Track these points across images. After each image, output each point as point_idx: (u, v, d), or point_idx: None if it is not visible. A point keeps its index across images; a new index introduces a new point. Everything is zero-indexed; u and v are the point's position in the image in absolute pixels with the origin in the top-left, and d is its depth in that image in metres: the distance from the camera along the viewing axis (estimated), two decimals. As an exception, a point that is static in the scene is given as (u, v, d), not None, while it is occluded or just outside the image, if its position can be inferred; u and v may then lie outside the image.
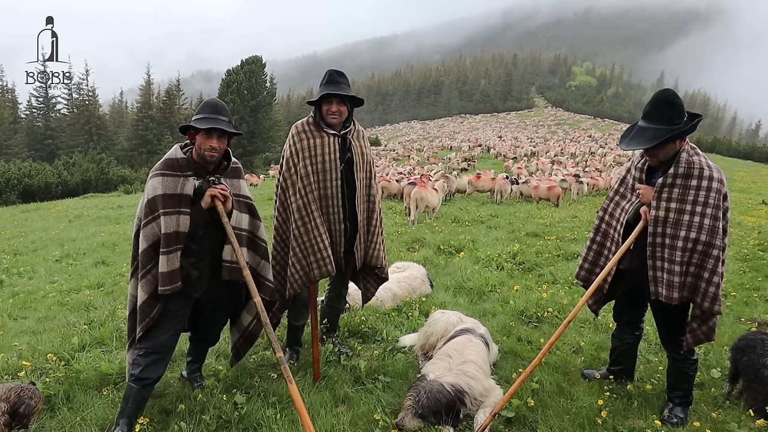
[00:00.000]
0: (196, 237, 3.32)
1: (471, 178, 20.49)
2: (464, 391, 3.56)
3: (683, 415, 3.61)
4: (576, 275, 3.99)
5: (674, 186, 3.30)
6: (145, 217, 3.26)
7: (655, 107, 3.33)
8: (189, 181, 3.29)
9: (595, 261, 3.83)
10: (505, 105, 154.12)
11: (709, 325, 3.43)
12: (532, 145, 56.59)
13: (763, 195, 19.36)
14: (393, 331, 5.03)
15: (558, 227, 12.07)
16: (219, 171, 3.46)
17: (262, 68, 55.00)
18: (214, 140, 3.29)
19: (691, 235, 3.25)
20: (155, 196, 3.23)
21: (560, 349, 4.75)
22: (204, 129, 3.25)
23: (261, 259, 3.73)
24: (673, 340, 3.63)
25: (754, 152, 62.54)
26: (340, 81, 3.88)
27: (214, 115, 3.33)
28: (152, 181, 3.28)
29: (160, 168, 3.31)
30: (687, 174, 3.28)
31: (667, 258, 3.33)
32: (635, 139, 3.36)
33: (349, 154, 3.97)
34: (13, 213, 23.05)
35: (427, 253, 8.97)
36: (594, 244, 3.84)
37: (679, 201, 3.28)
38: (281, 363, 3.02)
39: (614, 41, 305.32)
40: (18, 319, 5.96)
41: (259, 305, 3.22)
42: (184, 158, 3.34)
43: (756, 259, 8.91)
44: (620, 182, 3.77)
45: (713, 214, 3.25)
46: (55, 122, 60.97)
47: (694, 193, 3.26)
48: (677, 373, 3.67)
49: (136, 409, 3.30)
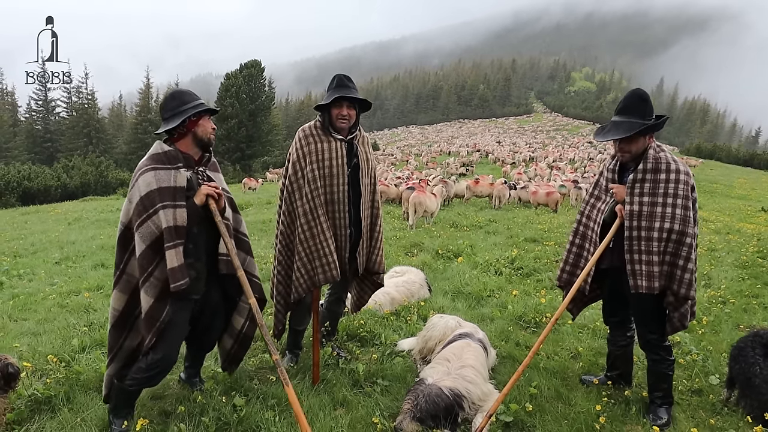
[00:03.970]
0: (192, 235, 3.22)
1: (469, 183, 20.50)
2: (462, 395, 3.58)
3: (666, 415, 3.68)
4: (557, 278, 4.08)
5: (645, 181, 3.49)
6: (140, 215, 3.09)
7: (629, 102, 3.54)
8: (181, 173, 3.21)
9: (575, 263, 3.94)
10: (503, 110, 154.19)
11: (681, 312, 3.56)
12: (531, 150, 56.62)
13: (762, 202, 19.40)
14: (391, 335, 5.05)
15: (556, 233, 12.09)
16: (203, 163, 3.42)
17: (261, 72, 54.91)
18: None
19: (665, 225, 3.42)
20: (151, 190, 3.10)
21: (558, 355, 4.77)
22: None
23: (246, 255, 3.66)
24: (651, 339, 3.71)
25: (753, 159, 62.56)
26: (350, 85, 3.87)
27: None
28: (144, 176, 3.13)
29: (148, 163, 3.19)
30: (655, 169, 3.47)
31: (644, 250, 3.47)
32: (611, 131, 3.55)
33: (356, 159, 3.97)
34: (13, 215, 23.05)
35: (425, 258, 8.99)
36: (573, 246, 3.96)
37: (650, 194, 3.46)
38: (278, 365, 2.98)
39: (614, 46, 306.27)
40: (18, 320, 5.96)
41: (254, 306, 3.16)
42: (172, 150, 3.25)
43: (755, 267, 8.93)
44: (594, 185, 3.94)
45: (683, 204, 3.44)
46: (54, 125, 61.01)
47: (663, 186, 3.45)
48: (656, 373, 3.76)
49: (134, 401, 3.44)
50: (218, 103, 53.66)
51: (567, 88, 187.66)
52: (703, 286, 7.54)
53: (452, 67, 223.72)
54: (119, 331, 3.29)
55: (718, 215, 16.84)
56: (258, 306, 3.47)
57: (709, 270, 8.54)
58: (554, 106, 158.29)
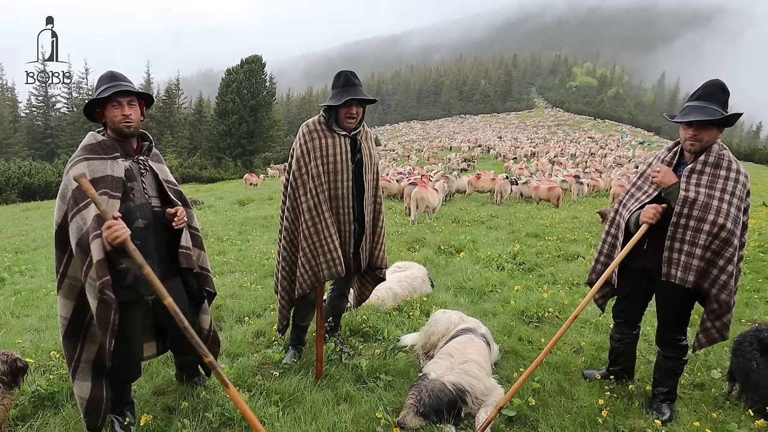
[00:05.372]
0: (138, 232, 2.94)
1: (471, 179, 20.48)
2: (466, 390, 3.58)
3: (669, 411, 3.65)
4: (591, 270, 3.92)
5: (703, 173, 3.35)
6: (71, 209, 2.84)
7: (711, 89, 3.37)
8: (118, 163, 2.96)
9: (609, 254, 3.82)
10: (505, 105, 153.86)
11: (723, 322, 3.42)
12: (532, 145, 56.57)
13: (763, 197, 19.33)
14: (394, 331, 5.05)
15: (558, 228, 12.08)
16: (143, 152, 3.17)
17: (262, 67, 54.89)
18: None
19: (719, 220, 3.25)
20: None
21: (561, 349, 4.77)
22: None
23: (200, 251, 3.47)
24: (670, 337, 3.64)
25: (754, 154, 62.38)
26: (356, 83, 3.83)
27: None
28: (75, 167, 2.88)
29: (80, 154, 2.94)
30: (717, 164, 3.34)
31: (689, 240, 3.33)
32: (692, 113, 3.33)
33: (359, 155, 3.95)
34: (14, 211, 23.09)
35: (427, 253, 8.99)
36: (608, 236, 3.83)
37: (708, 187, 3.32)
38: (213, 368, 2.70)
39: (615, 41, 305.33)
40: (20, 316, 5.98)
41: (170, 308, 2.67)
42: (107, 140, 3.01)
43: (756, 261, 8.92)
44: (639, 175, 3.78)
45: (738, 205, 3.31)
46: (55, 121, 61.04)
47: (722, 182, 3.31)
48: (666, 371, 3.69)
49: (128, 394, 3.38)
50: (219, 99, 53.70)
51: (568, 84, 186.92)
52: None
53: (453, 62, 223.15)
54: (73, 342, 3.00)
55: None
56: (207, 301, 3.51)
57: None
58: (555, 101, 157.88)
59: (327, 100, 3.85)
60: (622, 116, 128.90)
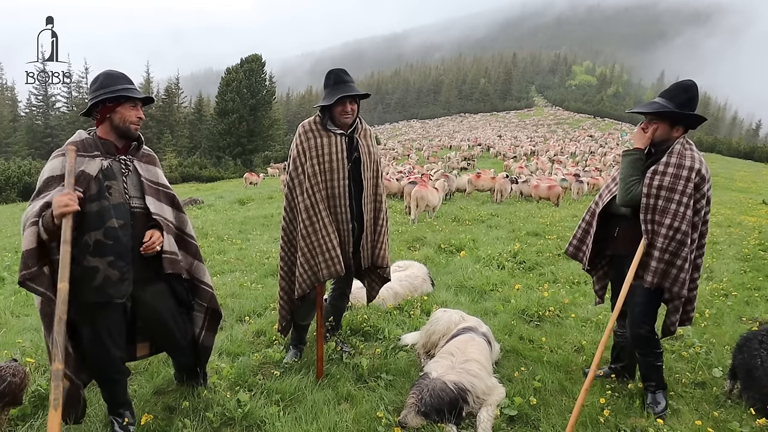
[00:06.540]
0: (112, 231, 2.89)
1: (471, 178, 20.48)
2: (467, 389, 3.58)
3: (663, 400, 3.74)
4: (565, 250, 4.22)
5: (665, 174, 3.44)
6: (32, 200, 2.85)
7: (672, 88, 3.57)
8: (95, 161, 2.95)
9: (582, 238, 4.02)
10: (504, 104, 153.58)
11: (686, 310, 3.67)
12: (532, 144, 56.56)
13: (763, 195, 19.37)
14: (395, 330, 5.04)
15: (558, 226, 12.08)
16: (130, 152, 3.15)
17: (262, 67, 54.91)
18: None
19: (675, 223, 3.40)
20: (51, 176, 2.87)
21: (562, 348, 4.77)
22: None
23: (194, 259, 3.40)
24: (639, 333, 3.69)
25: (754, 152, 62.46)
26: (347, 80, 3.85)
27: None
28: (52, 161, 2.93)
29: (63, 149, 2.96)
30: (679, 164, 3.43)
31: (648, 242, 3.51)
32: (639, 106, 3.62)
33: (356, 153, 3.95)
34: (14, 211, 23.08)
35: (427, 252, 8.99)
36: (583, 222, 4.03)
37: (668, 189, 3.42)
38: (54, 379, 2.40)
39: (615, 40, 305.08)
40: (20, 316, 5.97)
41: (61, 294, 2.53)
42: (89, 138, 3.04)
43: (756, 259, 8.93)
44: None
45: (687, 203, 3.41)
46: (54, 120, 61.01)
47: (683, 183, 3.39)
48: (646, 364, 3.79)
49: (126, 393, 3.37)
50: (219, 98, 53.68)
51: (568, 82, 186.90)
52: (705, 279, 7.53)
53: (453, 61, 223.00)
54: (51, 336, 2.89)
55: (719, 208, 16.81)
56: (212, 315, 3.50)
57: (711, 263, 8.54)
58: (555, 99, 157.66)
59: (320, 101, 3.87)
60: (622, 115, 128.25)
